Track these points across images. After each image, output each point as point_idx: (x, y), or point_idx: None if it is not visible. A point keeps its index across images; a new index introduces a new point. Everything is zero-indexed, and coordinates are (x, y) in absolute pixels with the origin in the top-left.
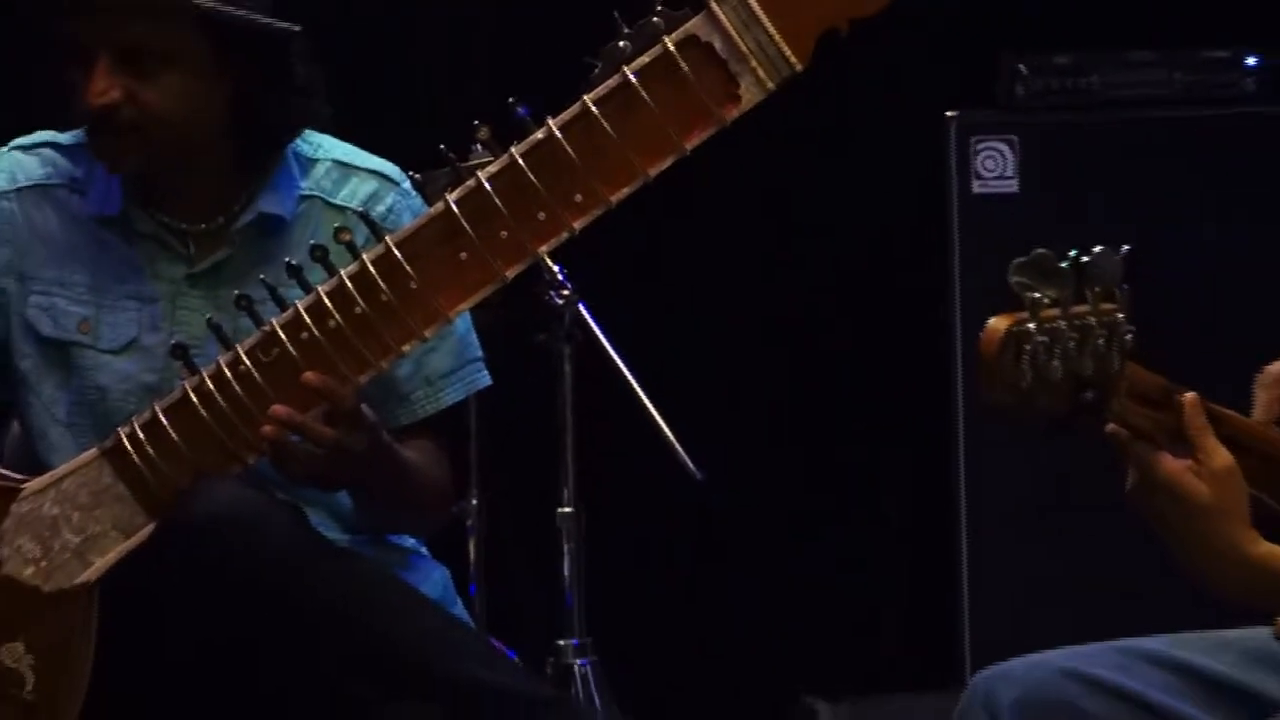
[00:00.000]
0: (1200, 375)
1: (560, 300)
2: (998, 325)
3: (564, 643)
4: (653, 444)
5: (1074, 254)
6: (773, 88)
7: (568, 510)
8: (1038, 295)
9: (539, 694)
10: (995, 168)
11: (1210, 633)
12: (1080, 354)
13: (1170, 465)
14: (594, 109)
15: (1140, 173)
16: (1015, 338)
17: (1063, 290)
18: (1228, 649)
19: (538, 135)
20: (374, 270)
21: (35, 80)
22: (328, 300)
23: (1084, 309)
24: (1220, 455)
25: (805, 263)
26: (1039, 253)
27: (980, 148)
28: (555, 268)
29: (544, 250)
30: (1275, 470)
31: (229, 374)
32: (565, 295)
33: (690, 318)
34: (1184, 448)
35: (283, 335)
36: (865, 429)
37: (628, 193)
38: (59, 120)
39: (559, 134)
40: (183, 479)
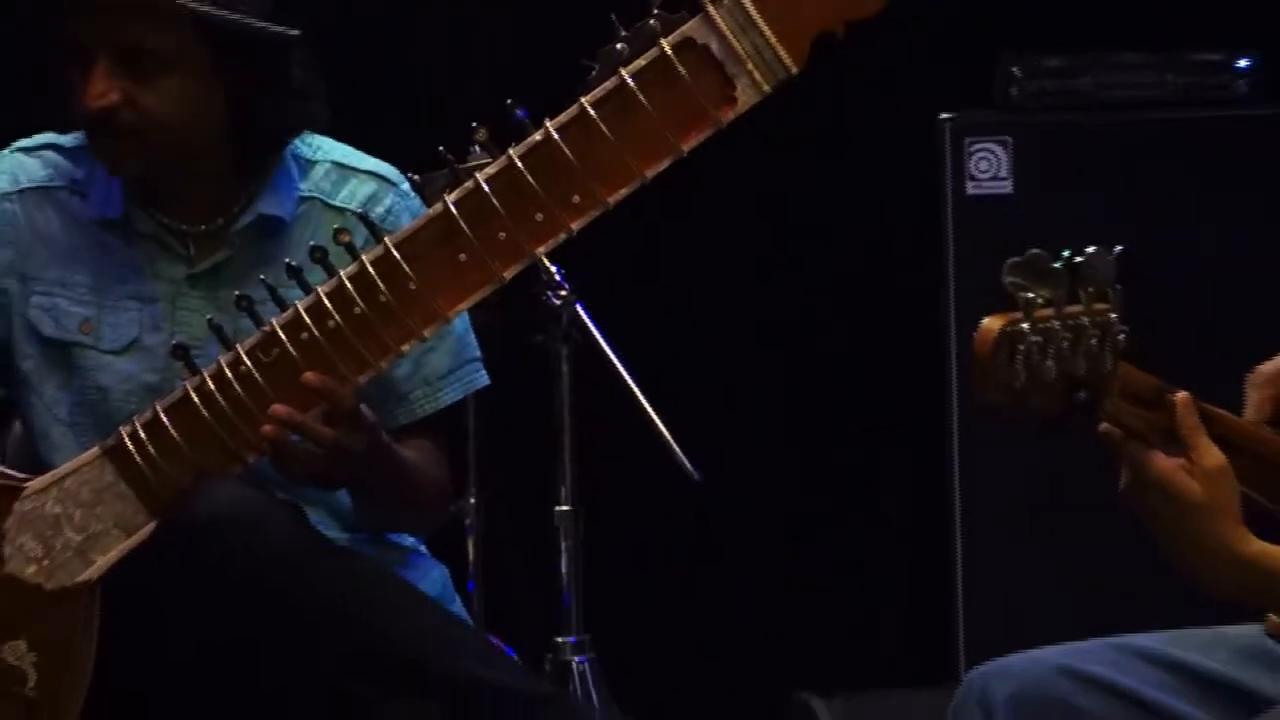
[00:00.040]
0: (1194, 376)
1: (558, 301)
2: (991, 325)
3: (562, 640)
4: (650, 444)
5: (1067, 254)
6: (769, 90)
7: (565, 509)
8: (1031, 295)
9: (537, 691)
10: (989, 169)
11: (1203, 630)
12: (1074, 354)
13: (1163, 464)
14: (591, 111)
15: (1133, 174)
16: (1009, 338)
17: (1056, 290)
18: (1221, 646)
19: (535, 137)
20: (373, 271)
21: (36, 82)
22: (327, 301)
23: (1077, 309)
24: (1212, 454)
25: (801, 263)
26: (1033, 253)
27: (974, 149)
28: (553, 268)
29: (542, 251)
30: (1266, 469)
31: (230, 374)
32: (563, 296)
33: (686, 318)
34: (1176, 447)
35: (283, 335)
36: (860, 429)
37: (625, 194)
38: (60, 122)
39: (556, 136)
40: (184, 478)
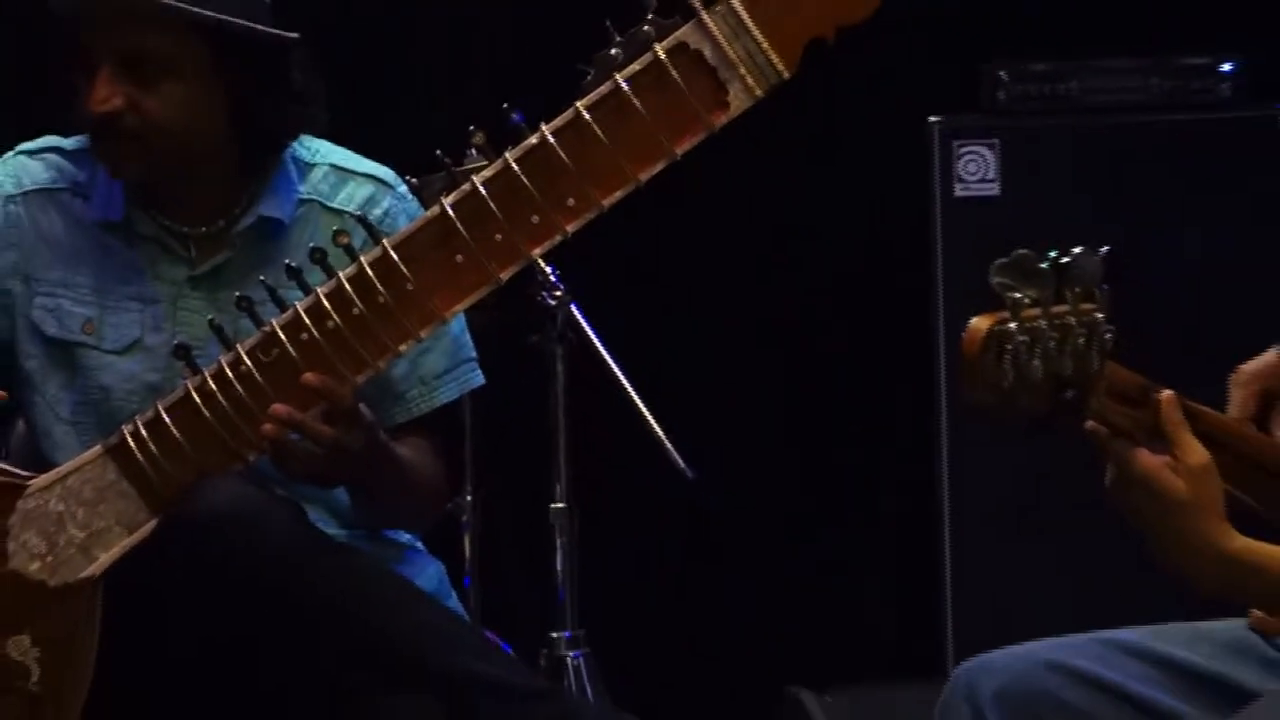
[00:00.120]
0: (1179, 376)
1: (553, 301)
2: (979, 325)
3: (557, 635)
4: (644, 442)
5: (1054, 255)
6: (761, 95)
7: (560, 506)
8: (1019, 295)
9: (532, 686)
10: (977, 171)
11: (1188, 625)
12: (1060, 353)
13: (1147, 461)
14: (586, 115)
15: (1119, 176)
16: (997, 337)
17: (1043, 290)
18: (1205, 640)
19: (531, 140)
20: (371, 272)
21: (39, 86)
22: (326, 302)
23: (1064, 309)
24: (1196, 451)
25: (791, 265)
26: (1020, 253)
27: (962, 152)
28: (548, 270)
29: (537, 253)
30: (1249, 466)
31: (230, 374)
32: (558, 297)
33: (678, 319)
34: (1161, 444)
35: (282, 336)
36: (850, 428)
37: (619, 197)
38: (62, 125)
39: (552, 139)
40: (185, 476)
